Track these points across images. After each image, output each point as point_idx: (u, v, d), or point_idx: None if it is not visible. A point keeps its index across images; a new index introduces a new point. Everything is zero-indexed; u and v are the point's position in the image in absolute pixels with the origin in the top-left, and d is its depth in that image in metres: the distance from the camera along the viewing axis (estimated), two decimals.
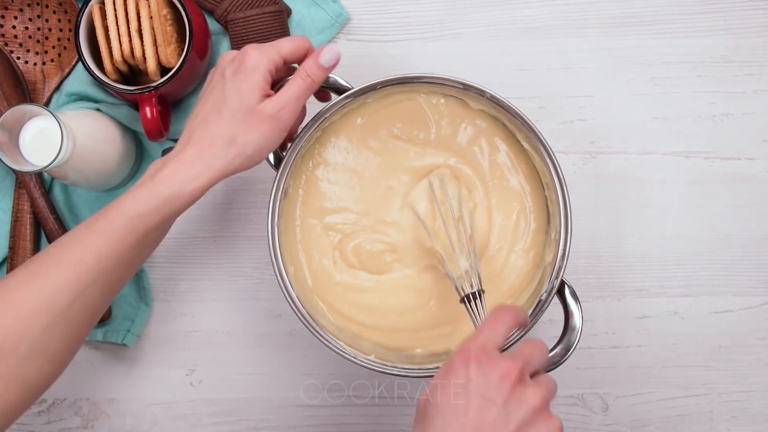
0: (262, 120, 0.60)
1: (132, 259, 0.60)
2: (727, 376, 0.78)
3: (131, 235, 0.59)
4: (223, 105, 0.60)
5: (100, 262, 0.58)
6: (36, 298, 0.57)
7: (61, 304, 0.57)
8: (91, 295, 0.59)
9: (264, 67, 0.60)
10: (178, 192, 0.59)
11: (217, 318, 0.78)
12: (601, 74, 0.78)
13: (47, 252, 0.59)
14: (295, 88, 0.61)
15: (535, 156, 0.67)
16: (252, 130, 0.60)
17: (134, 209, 0.58)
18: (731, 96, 0.78)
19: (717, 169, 0.78)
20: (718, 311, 0.78)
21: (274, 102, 0.60)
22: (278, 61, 0.62)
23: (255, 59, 0.60)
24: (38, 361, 0.57)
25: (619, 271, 0.77)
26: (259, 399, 0.78)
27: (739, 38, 0.78)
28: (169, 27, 0.70)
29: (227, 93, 0.60)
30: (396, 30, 0.78)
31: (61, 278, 0.58)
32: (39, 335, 0.57)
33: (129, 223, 0.58)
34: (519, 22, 0.78)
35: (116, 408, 0.78)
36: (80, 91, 0.75)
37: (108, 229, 0.58)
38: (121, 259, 0.59)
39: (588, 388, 0.78)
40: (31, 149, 0.66)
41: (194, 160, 0.59)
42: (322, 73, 0.63)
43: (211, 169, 0.59)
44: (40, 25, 0.76)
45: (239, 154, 0.60)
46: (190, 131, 0.61)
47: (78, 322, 0.59)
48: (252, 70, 0.60)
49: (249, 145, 0.60)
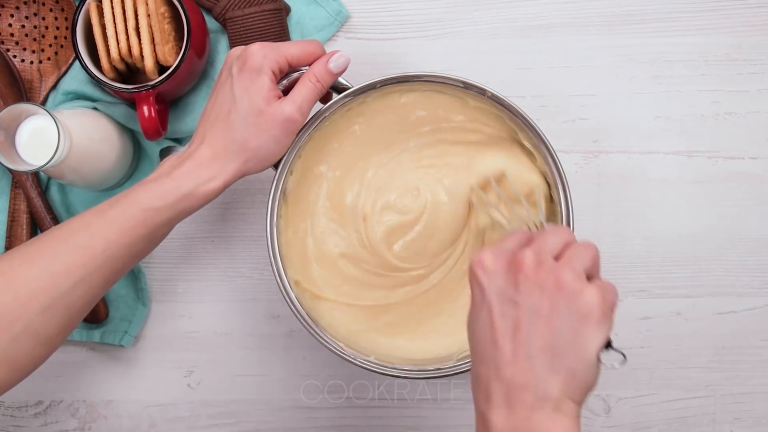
0: (273, 123, 0.61)
1: (138, 252, 0.61)
2: (731, 378, 0.77)
3: (142, 227, 0.59)
4: (232, 106, 0.61)
5: (107, 249, 0.58)
6: (38, 279, 0.57)
7: (63, 287, 0.57)
8: (93, 282, 0.59)
9: (268, 68, 0.61)
10: (193, 190, 0.60)
11: (216, 319, 0.78)
12: (603, 72, 0.77)
13: (54, 233, 0.59)
14: (306, 91, 0.62)
15: (537, 155, 0.66)
16: (263, 134, 0.61)
17: (149, 202, 0.59)
18: (735, 95, 0.77)
19: (720, 169, 0.77)
20: (722, 312, 0.77)
21: (287, 107, 0.61)
22: (282, 63, 0.62)
23: (259, 60, 0.61)
24: (30, 342, 0.57)
25: (622, 272, 0.77)
26: (258, 401, 0.78)
27: (742, 36, 0.77)
28: (166, 25, 0.70)
29: (236, 93, 0.61)
30: (396, 28, 0.78)
31: (66, 261, 0.58)
32: (36, 316, 0.57)
33: (142, 215, 0.59)
34: (520, 20, 0.78)
35: (113, 410, 0.78)
36: (77, 90, 0.75)
37: (121, 218, 0.59)
38: (128, 249, 0.59)
39: None
40: (28, 148, 0.65)
41: (210, 161, 0.60)
42: (331, 78, 0.63)
43: (225, 171, 0.60)
44: (36, 23, 0.75)
45: (252, 157, 0.61)
46: (204, 131, 0.62)
47: (76, 307, 0.59)
48: (258, 70, 0.60)
49: (261, 149, 0.61)
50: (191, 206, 0.60)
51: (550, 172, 0.66)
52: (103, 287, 0.60)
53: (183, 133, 0.76)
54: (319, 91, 0.63)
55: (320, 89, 0.63)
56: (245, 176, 0.62)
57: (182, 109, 0.76)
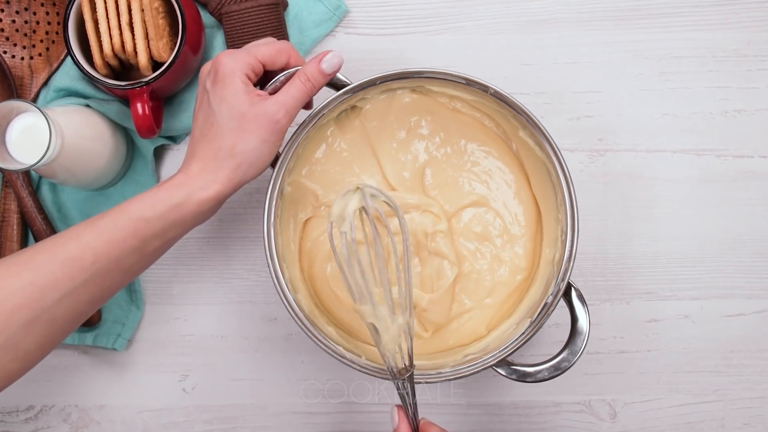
0: (257, 124, 0.60)
1: (129, 266, 0.59)
2: (740, 382, 0.77)
3: (133, 238, 0.58)
4: (213, 118, 0.60)
5: (97, 262, 0.57)
6: (23, 290, 0.56)
7: (48, 301, 0.56)
8: (79, 297, 0.57)
9: (240, 71, 0.60)
10: (185, 199, 0.59)
11: (211, 321, 0.77)
12: (609, 69, 0.77)
13: (44, 243, 0.58)
14: (294, 90, 0.61)
15: (541, 153, 0.65)
16: (249, 137, 0.60)
17: (139, 212, 0.58)
18: (744, 92, 0.77)
19: (729, 168, 0.77)
20: (730, 315, 0.76)
21: (270, 104, 0.60)
22: (254, 64, 0.61)
23: (229, 66, 0.60)
24: (8, 356, 0.56)
25: (628, 273, 0.76)
26: (254, 405, 0.77)
27: (752, 32, 0.77)
28: (161, 20, 0.69)
29: (213, 105, 0.60)
30: (396, 23, 0.77)
31: (54, 273, 0.56)
32: (17, 329, 0.56)
33: (133, 225, 0.58)
34: (524, 15, 0.77)
35: (106, 415, 0.77)
36: (69, 87, 0.74)
37: (111, 228, 0.58)
38: (118, 262, 0.58)
39: (595, 394, 0.76)
40: (18, 147, 0.64)
41: (200, 172, 0.60)
42: (323, 79, 0.63)
43: (216, 180, 0.59)
44: (27, 18, 0.74)
45: (242, 162, 0.60)
46: (192, 150, 0.61)
47: (59, 323, 0.58)
48: (228, 76, 0.60)
49: (250, 153, 0.60)
50: (184, 217, 0.59)
51: (555, 171, 0.65)
52: (89, 304, 0.59)
53: (177, 131, 0.75)
54: (309, 90, 0.62)
55: (310, 88, 0.62)
56: (242, 184, 0.61)
57: (177, 107, 0.75)
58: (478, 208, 0.69)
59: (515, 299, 0.68)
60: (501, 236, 0.69)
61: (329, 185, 0.69)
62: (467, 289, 0.68)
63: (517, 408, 0.76)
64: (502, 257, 0.68)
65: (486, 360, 0.64)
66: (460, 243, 0.69)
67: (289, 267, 0.67)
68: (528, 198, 0.69)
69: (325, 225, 0.68)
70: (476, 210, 0.69)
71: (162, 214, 0.58)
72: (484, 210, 0.69)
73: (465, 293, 0.68)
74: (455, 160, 0.69)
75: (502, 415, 0.76)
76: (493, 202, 0.69)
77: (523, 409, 0.76)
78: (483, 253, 0.69)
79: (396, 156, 0.69)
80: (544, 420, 0.76)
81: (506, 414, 0.76)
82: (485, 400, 0.76)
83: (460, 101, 0.69)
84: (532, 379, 0.64)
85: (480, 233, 0.69)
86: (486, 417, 0.76)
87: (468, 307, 0.68)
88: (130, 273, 0.60)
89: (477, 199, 0.69)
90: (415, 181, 0.69)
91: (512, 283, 0.68)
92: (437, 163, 0.70)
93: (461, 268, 0.68)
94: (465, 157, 0.70)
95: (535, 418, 0.76)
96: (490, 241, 0.69)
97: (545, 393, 0.76)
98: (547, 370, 0.63)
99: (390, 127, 0.69)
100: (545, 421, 0.76)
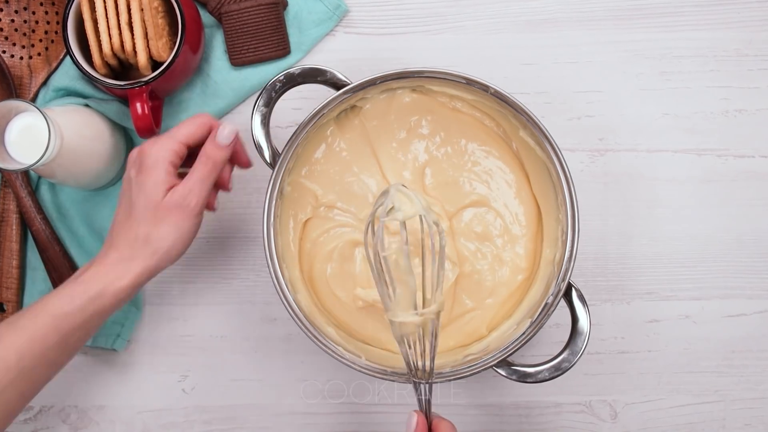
0: (168, 212, 0.62)
1: (53, 360, 0.61)
2: (741, 383, 0.76)
3: (55, 334, 0.59)
4: (131, 208, 0.62)
5: (21, 360, 0.58)
6: None
7: None
8: (8, 397, 0.59)
9: (164, 161, 0.62)
10: (101, 291, 0.60)
11: (211, 322, 0.77)
12: (610, 68, 0.77)
13: None
14: (197, 173, 0.63)
15: (541, 153, 0.65)
16: (162, 225, 0.61)
17: (59, 308, 0.60)
18: (745, 91, 0.77)
19: (730, 167, 0.76)
20: (732, 315, 0.76)
21: (179, 191, 0.62)
22: (179, 149, 0.63)
23: (153, 156, 0.62)
24: None
25: (629, 274, 0.76)
26: (254, 406, 0.76)
27: (753, 31, 0.77)
28: (160, 19, 0.69)
29: (133, 195, 0.62)
30: (396, 23, 0.77)
31: None
32: None
33: (53, 322, 0.59)
34: (524, 15, 0.77)
35: (105, 415, 0.76)
36: (68, 86, 0.74)
37: (31, 327, 0.59)
38: (42, 358, 0.59)
39: (596, 394, 0.76)
40: (17, 146, 0.64)
41: (116, 262, 0.61)
42: (222, 152, 0.63)
43: (131, 269, 0.61)
44: (26, 18, 0.74)
45: (156, 250, 0.62)
46: (111, 238, 0.63)
47: None
48: (152, 167, 0.62)
49: (164, 240, 0.62)
50: (103, 307, 0.61)
51: (555, 171, 0.65)
52: (20, 401, 0.60)
53: None
54: (211, 168, 0.63)
55: (212, 166, 0.63)
56: (160, 270, 0.62)
57: (176, 106, 0.75)
58: (478, 208, 0.69)
59: (516, 299, 0.68)
60: (502, 236, 0.69)
61: (329, 185, 0.69)
62: (468, 290, 0.68)
63: (517, 408, 0.76)
64: (503, 257, 0.68)
65: (486, 360, 0.64)
66: (461, 243, 0.69)
67: (289, 267, 0.67)
68: (528, 198, 0.69)
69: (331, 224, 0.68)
70: (477, 210, 0.69)
71: (81, 308, 0.60)
72: (485, 210, 0.69)
73: (466, 293, 0.68)
74: (456, 159, 0.69)
75: (502, 415, 0.76)
76: (494, 202, 0.69)
77: (523, 410, 0.76)
78: (484, 253, 0.69)
79: (396, 156, 0.69)
80: (544, 420, 0.76)
81: (506, 414, 0.76)
82: (485, 400, 0.76)
83: (461, 101, 0.69)
84: (533, 379, 0.63)
85: (481, 233, 0.69)
86: (486, 417, 0.76)
87: (469, 307, 0.68)
88: (57, 365, 0.62)
89: (477, 199, 0.69)
90: (416, 181, 0.69)
91: (513, 283, 0.68)
92: (437, 163, 0.69)
93: (462, 268, 0.68)
94: (465, 157, 0.69)
95: (535, 418, 0.76)
96: (491, 241, 0.69)
97: (546, 393, 0.76)
98: (548, 370, 0.63)
99: (390, 127, 0.69)
100: (546, 421, 0.76)
